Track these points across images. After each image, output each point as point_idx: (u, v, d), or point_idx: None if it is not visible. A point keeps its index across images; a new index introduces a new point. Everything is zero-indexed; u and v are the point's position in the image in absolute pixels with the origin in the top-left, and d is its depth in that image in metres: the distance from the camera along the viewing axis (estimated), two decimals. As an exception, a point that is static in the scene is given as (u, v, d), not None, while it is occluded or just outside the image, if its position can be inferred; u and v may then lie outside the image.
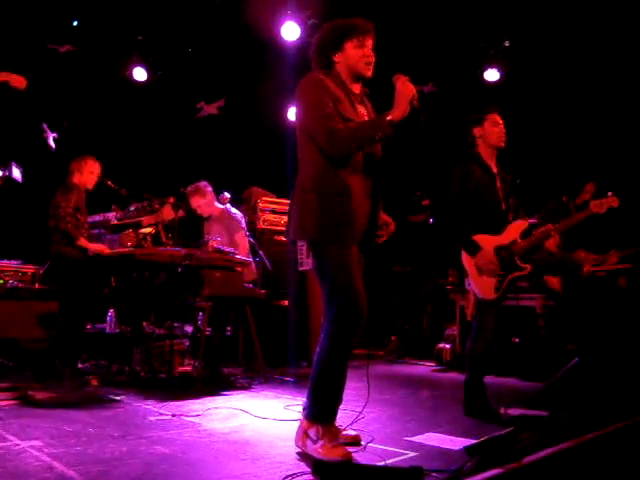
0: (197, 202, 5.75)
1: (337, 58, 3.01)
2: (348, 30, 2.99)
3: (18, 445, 2.85)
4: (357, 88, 3.08)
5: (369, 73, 3.00)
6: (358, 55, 2.97)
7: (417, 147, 2.90)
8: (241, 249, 5.70)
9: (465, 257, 3.97)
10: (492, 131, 3.96)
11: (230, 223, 5.78)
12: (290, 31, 7.29)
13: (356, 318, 2.82)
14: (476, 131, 4.01)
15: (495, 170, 4.01)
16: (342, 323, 2.83)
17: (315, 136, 2.87)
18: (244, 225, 5.94)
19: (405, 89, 2.79)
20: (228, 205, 5.94)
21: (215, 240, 5.11)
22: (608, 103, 7.14)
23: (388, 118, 2.77)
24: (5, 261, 6.21)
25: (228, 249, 5.23)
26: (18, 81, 3.34)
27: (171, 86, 8.59)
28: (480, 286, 3.90)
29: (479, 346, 3.89)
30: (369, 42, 3.00)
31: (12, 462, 2.56)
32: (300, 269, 5.86)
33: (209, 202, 5.80)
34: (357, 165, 2.91)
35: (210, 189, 5.84)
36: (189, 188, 5.78)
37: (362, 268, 3.12)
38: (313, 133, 2.89)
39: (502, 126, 3.99)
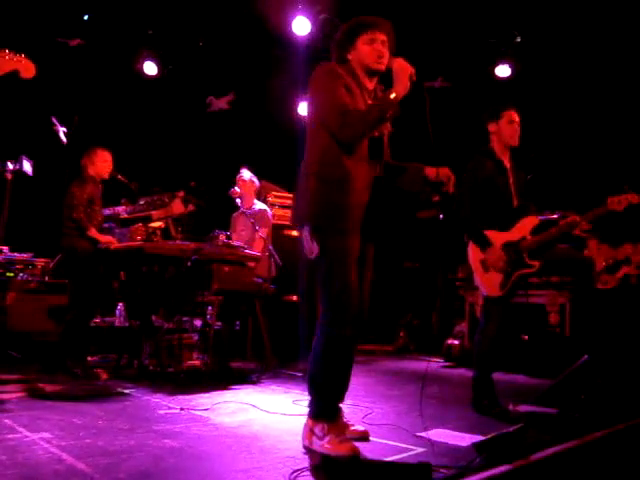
0: (240, 189, 5.95)
1: (351, 55, 3.05)
2: (359, 27, 3.03)
3: (28, 437, 2.87)
4: (371, 84, 3.09)
5: (381, 67, 3.00)
6: (368, 50, 2.99)
7: (428, 125, 2.91)
8: (255, 245, 5.73)
9: (471, 253, 3.96)
10: (506, 128, 3.94)
11: (257, 219, 5.82)
12: (301, 26, 7.28)
13: (346, 313, 2.82)
14: (491, 126, 3.99)
15: (508, 165, 3.99)
16: (332, 317, 2.84)
17: (327, 119, 2.89)
18: (270, 222, 6.03)
19: (402, 67, 2.85)
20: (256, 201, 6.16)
21: (224, 234, 5.12)
22: (620, 97, 7.09)
23: (392, 96, 2.81)
24: (16, 254, 6.24)
25: (237, 243, 5.24)
26: (28, 70, 3.23)
27: (182, 80, 8.60)
28: (485, 283, 3.88)
29: (485, 343, 3.88)
30: (380, 37, 3.01)
31: (22, 454, 2.58)
32: (310, 257, 5.94)
33: (245, 194, 5.98)
34: (363, 153, 2.93)
35: (249, 181, 6.09)
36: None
37: (371, 259, 3.13)
38: (325, 117, 2.90)
39: (517, 124, 3.95)
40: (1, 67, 3.02)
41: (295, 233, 6.90)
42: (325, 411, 2.88)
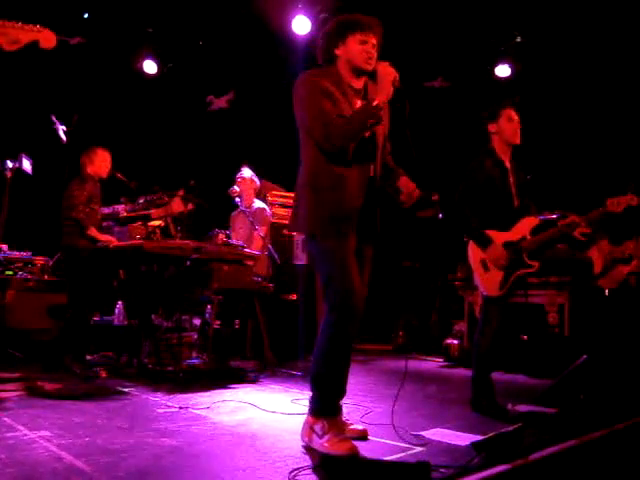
0: (240, 187, 5.94)
1: (339, 52, 3.04)
2: (352, 25, 3.03)
3: (27, 435, 2.87)
4: (359, 83, 3.09)
5: (369, 67, 3.00)
6: (359, 50, 2.99)
7: (407, 128, 2.95)
8: (254, 244, 5.73)
9: (471, 253, 3.96)
10: (507, 127, 3.93)
11: (255, 217, 5.83)
12: (301, 25, 7.28)
13: (351, 311, 2.84)
14: (491, 127, 3.98)
15: (509, 165, 3.99)
16: (337, 315, 2.86)
17: (312, 132, 2.94)
18: (269, 221, 6.04)
19: (386, 72, 2.89)
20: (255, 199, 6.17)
21: (223, 233, 5.13)
22: (620, 97, 7.09)
23: (374, 103, 2.84)
24: (15, 252, 6.24)
25: (236, 242, 5.24)
26: (48, 40, 3.15)
27: (181, 79, 8.60)
28: (485, 283, 3.89)
29: (484, 343, 3.88)
30: (372, 39, 3.01)
31: (22, 452, 2.58)
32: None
33: (245, 192, 5.98)
34: (354, 156, 2.94)
35: (250, 180, 6.09)
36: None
37: (369, 259, 3.16)
38: (310, 130, 2.95)
39: (517, 122, 3.95)
40: (20, 38, 2.98)
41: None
42: (327, 409, 2.90)
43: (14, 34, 2.97)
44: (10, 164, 6.07)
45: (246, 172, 6.09)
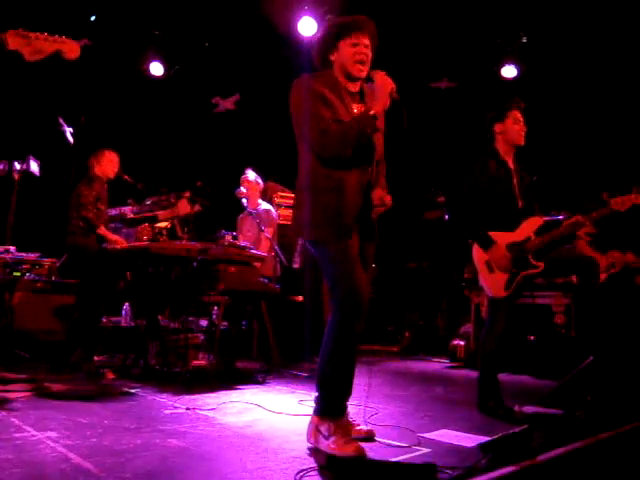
0: (245, 189, 5.96)
1: (333, 57, 3.05)
2: (343, 29, 3.01)
3: (35, 436, 2.88)
4: (355, 86, 3.09)
5: (362, 74, 3.00)
6: (350, 54, 2.98)
7: (405, 140, 2.95)
8: (261, 245, 5.74)
9: (476, 253, 3.95)
10: (512, 128, 3.93)
11: (262, 219, 5.84)
12: (307, 26, 7.29)
13: (357, 308, 2.84)
14: (497, 127, 3.99)
15: (512, 166, 3.99)
16: (343, 314, 2.86)
17: (308, 139, 2.94)
18: (275, 222, 6.04)
19: (383, 83, 2.89)
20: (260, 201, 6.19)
21: (230, 234, 5.14)
22: (627, 97, 7.07)
23: (371, 113, 2.85)
24: (23, 254, 6.27)
25: (243, 243, 5.25)
26: (72, 50, 3.15)
27: (188, 81, 8.62)
28: (490, 284, 3.88)
29: (490, 344, 3.87)
30: (364, 40, 2.99)
31: (29, 453, 2.59)
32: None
33: (251, 195, 5.99)
34: (352, 160, 2.94)
35: (254, 182, 6.09)
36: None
37: (372, 258, 3.18)
38: (306, 136, 2.95)
39: (522, 123, 3.95)
40: (44, 49, 3.00)
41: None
42: (332, 409, 2.90)
43: (38, 45, 2.99)
44: (18, 166, 6.12)
45: (250, 174, 6.10)
